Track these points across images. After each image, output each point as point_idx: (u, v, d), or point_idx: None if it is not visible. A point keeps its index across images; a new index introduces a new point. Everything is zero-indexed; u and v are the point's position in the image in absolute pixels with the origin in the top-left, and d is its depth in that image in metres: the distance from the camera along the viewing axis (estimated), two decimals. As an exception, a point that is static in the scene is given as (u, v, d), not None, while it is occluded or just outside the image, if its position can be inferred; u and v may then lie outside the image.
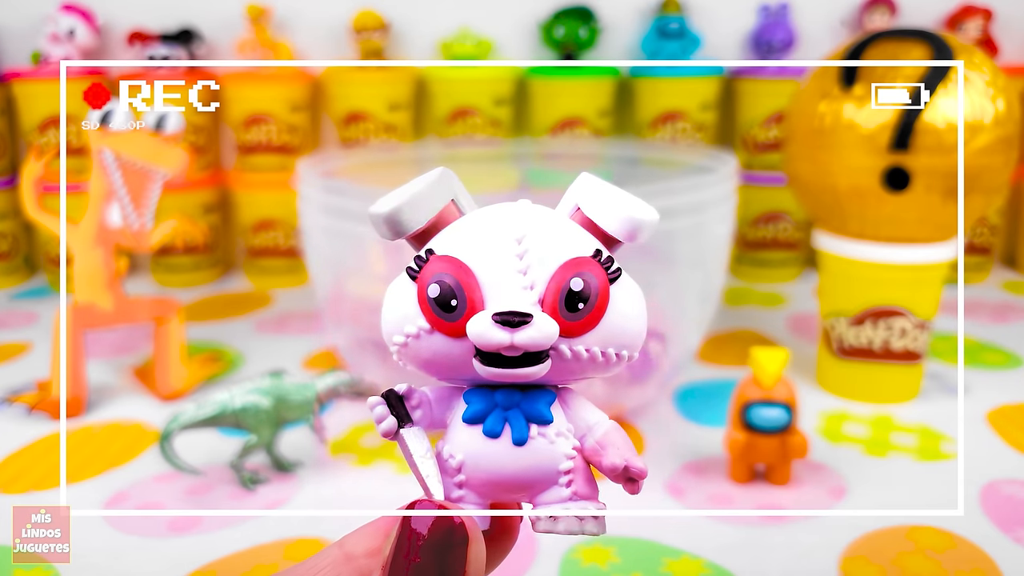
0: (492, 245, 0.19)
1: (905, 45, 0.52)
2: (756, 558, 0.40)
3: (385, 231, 0.20)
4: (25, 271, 0.93)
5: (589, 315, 0.19)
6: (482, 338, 0.18)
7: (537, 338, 0.18)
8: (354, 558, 0.19)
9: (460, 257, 0.19)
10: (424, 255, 0.19)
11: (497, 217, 0.20)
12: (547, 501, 0.19)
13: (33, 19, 0.87)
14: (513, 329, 0.18)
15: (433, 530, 0.18)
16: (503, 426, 0.19)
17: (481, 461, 0.19)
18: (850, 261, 0.55)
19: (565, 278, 0.19)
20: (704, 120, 0.87)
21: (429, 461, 0.19)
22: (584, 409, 0.20)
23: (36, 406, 0.55)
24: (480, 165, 0.72)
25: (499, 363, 0.18)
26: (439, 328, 0.19)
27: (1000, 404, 0.57)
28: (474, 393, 0.20)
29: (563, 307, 0.18)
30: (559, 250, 0.19)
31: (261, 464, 0.49)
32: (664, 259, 0.49)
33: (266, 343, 0.71)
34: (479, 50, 0.87)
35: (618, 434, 0.20)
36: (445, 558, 0.18)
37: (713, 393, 0.59)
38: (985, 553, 0.40)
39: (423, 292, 0.19)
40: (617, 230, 0.20)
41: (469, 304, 0.18)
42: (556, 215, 0.20)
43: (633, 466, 0.19)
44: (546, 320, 0.18)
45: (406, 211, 0.19)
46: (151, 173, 0.57)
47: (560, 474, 0.19)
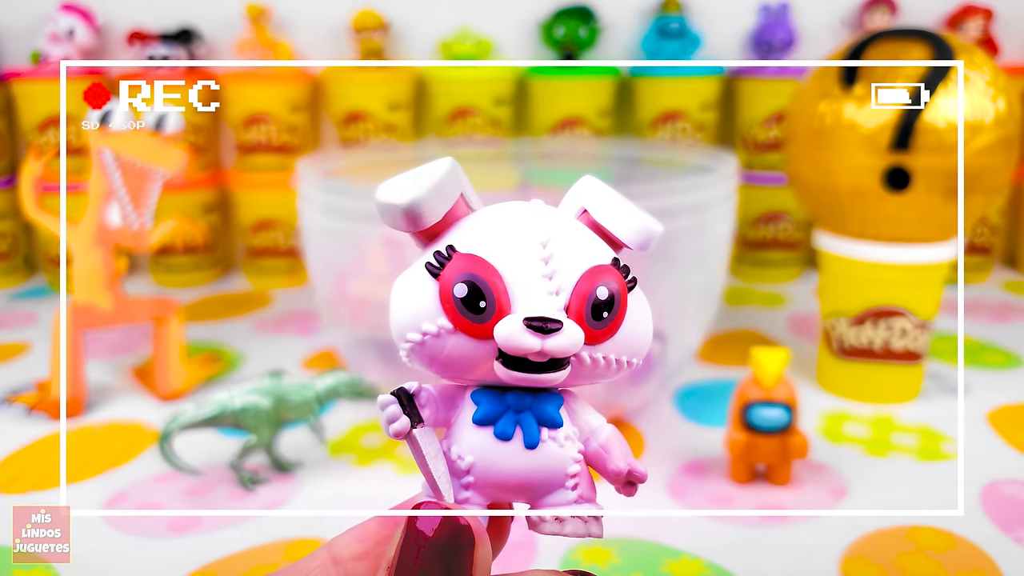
0: (518, 247, 0.19)
1: (905, 45, 0.52)
2: (756, 558, 0.40)
3: (401, 223, 0.19)
4: (25, 271, 0.93)
5: (611, 324, 0.19)
6: (511, 342, 0.18)
7: (566, 346, 0.18)
8: (341, 562, 0.19)
9: (486, 257, 0.18)
10: (446, 252, 0.19)
11: (519, 217, 0.19)
12: (553, 503, 0.19)
13: (33, 19, 0.87)
14: (544, 336, 0.18)
15: (439, 532, 0.18)
16: (515, 429, 0.19)
17: (492, 463, 0.19)
18: (850, 261, 0.55)
19: (591, 286, 0.19)
20: (704, 120, 0.87)
21: (440, 462, 0.19)
22: (586, 412, 0.20)
23: (36, 406, 0.55)
24: (480, 165, 0.72)
25: (523, 367, 0.18)
26: (463, 329, 0.18)
27: (1000, 404, 0.57)
28: (483, 394, 0.19)
29: (589, 315, 0.18)
30: (583, 256, 0.19)
31: (261, 464, 0.49)
32: (664, 259, 0.49)
33: (266, 343, 0.71)
34: (479, 50, 0.87)
35: (618, 438, 0.20)
36: (451, 561, 0.18)
37: (713, 393, 0.59)
38: (986, 553, 0.40)
39: (447, 290, 0.18)
40: (631, 239, 0.20)
41: (498, 307, 0.18)
42: (571, 218, 0.20)
43: (636, 470, 0.19)
44: (575, 328, 0.18)
45: (426, 204, 0.19)
46: (151, 173, 0.57)
47: (568, 477, 0.19)
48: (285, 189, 0.76)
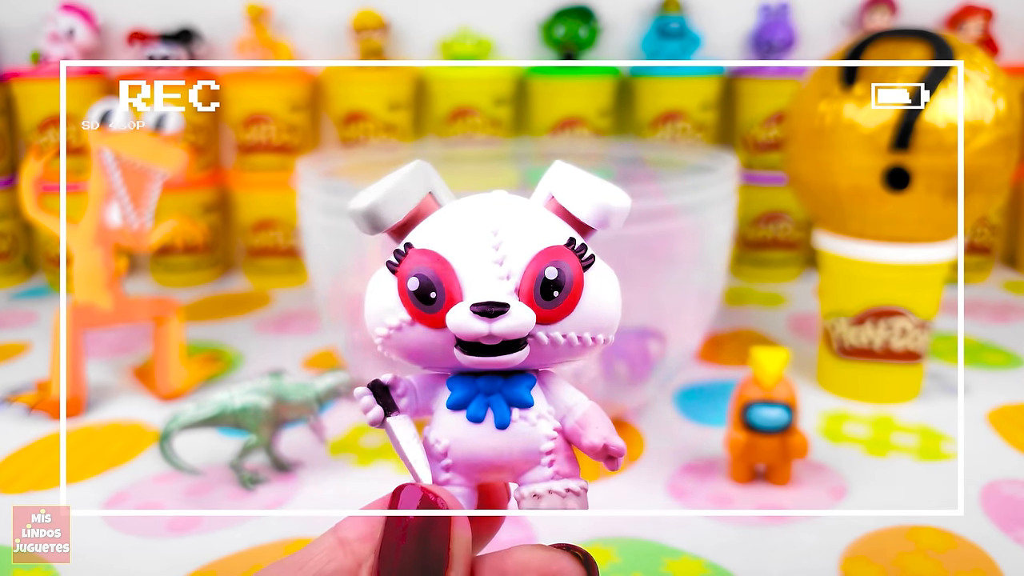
0: (468, 237, 0.20)
1: (905, 45, 0.52)
2: (756, 558, 0.40)
3: (364, 226, 0.20)
4: (25, 271, 0.93)
5: (564, 302, 0.19)
6: (461, 328, 0.19)
7: (514, 327, 0.19)
8: (347, 543, 0.19)
9: (437, 250, 0.20)
10: (403, 249, 0.20)
11: (472, 209, 0.20)
12: (531, 481, 0.20)
13: (33, 19, 0.87)
14: (491, 319, 0.19)
15: (417, 510, 0.19)
16: (486, 411, 0.20)
17: (466, 445, 0.20)
18: (850, 261, 0.55)
19: (540, 267, 0.19)
20: (704, 120, 0.87)
21: (416, 447, 0.20)
22: (563, 391, 0.21)
23: (36, 406, 0.55)
24: (480, 165, 0.72)
25: (480, 351, 0.19)
26: (420, 320, 0.19)
27: (1000, 404, 0.57)
28: (457, 380, 0.20)
29: (539, 295, 0.19)
30: (533, 240, 0.20)
31: (261, 464, 0.49)
32: (664, 259, 0.49)
33: (266, 343, 0.71)
34: (479, 50, 0.87)
35: (597, 414, 0.20)
36: (428, 538, 0.18)
37: (713, 393, 0.59)
38: (985, 553, 0.40)
39: (403, 285, 0.20)
40: (588, 217, 0.20)
41: (448, 296, 0.19)
42: (530, 205, 0.21)
43: (612, 444, 0.20)
44: (522, 309, 0.19)
45: (383, 206, 0.20)
46: (151, 173, 0.57)
47: (542, 455, 0.20)
48: (285, 189, 0.76)
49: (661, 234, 0.48)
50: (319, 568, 0.19)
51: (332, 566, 0.19)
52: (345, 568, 0.19)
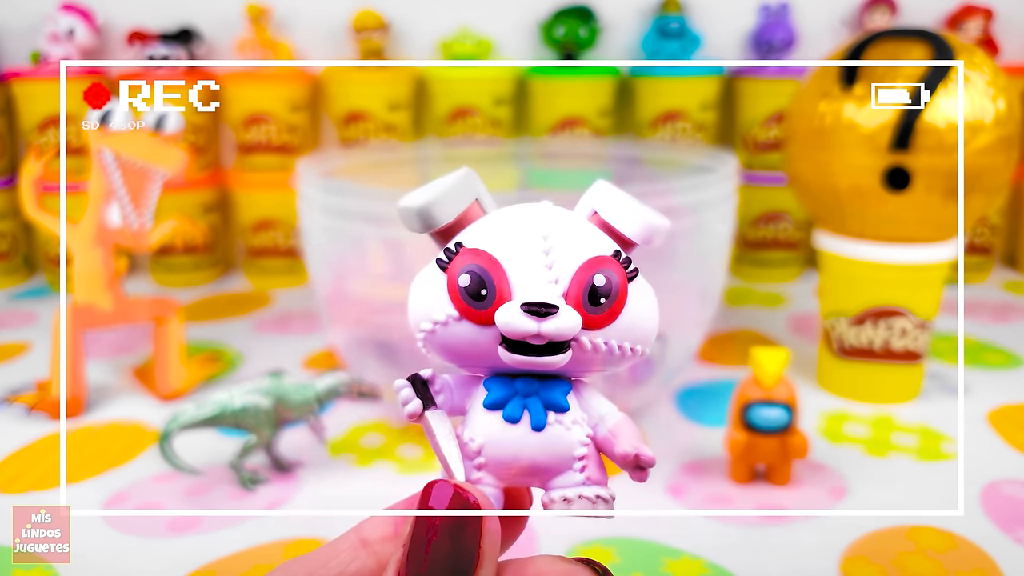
0: (519, 240, 0.20)
1: (905, 45, 0.52)
2: (756, 558, 0.40)
3: (416, 224, 0.21)
4: (25, 271, 0.93)
5: (609, 310, 0.20)
6: (510, 326, 0.19)
7: (562, 328, 0.19)
8: (370, 544, 0.19)
9: (489, 250, 0.20)
10: (454, 247, 0.20)
11: (522, 215, 0.21)
12: (561, 485, 0.20)
13: (33, 19, 0.87)
14: (540, 319, 0.19)
15: (449, 507, 0.19)
16: (522, 412, 0.20)
17: (500, 445, 0.20)
18: (850, 261, 0.55)
19: (589, 274, 0.20)
20: (704, 120, 0.87)
21: (452, 443, 0.20)
22: (596, 400, 0.21)
23: (36, 406, 0.55)
24: (480, 165, 0.71)
25: (524, 351, 0.19)
26: (467, 316, 0.20)
27: (1000, 404, 0.57)
28: (495, 381, 0.21)
29: (586, 301, 0.20)
30: (582, 248, 0.20)
31: (261, 464, 0.49)
32: (664, 259, 0.49)
33: (266, 343, 0.71)
34: (479, 50, 0.87)
35: (628, 425, 0.21)
36: (460, 534, 0.18)
37: (713, 393, 0.59)
38: (985, 553, 0.40)
39: (453, 281, 0.20)
40: (635, 233, 0.21)
41: (498, 294, 0.19)
42: (576, 216, 0.21)
43: (643, 454, 0.20)
44: (571, 312, 0.19)
45: (437, 205, 0.20)
46: (151, 173, 0.57)
47: (575, 459, 0.20)
48: (285, 189, 0.76)
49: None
50: (342, 568, 0.19)
51: (355, 566, 0.19)
52: (367, 568, 0.19)
